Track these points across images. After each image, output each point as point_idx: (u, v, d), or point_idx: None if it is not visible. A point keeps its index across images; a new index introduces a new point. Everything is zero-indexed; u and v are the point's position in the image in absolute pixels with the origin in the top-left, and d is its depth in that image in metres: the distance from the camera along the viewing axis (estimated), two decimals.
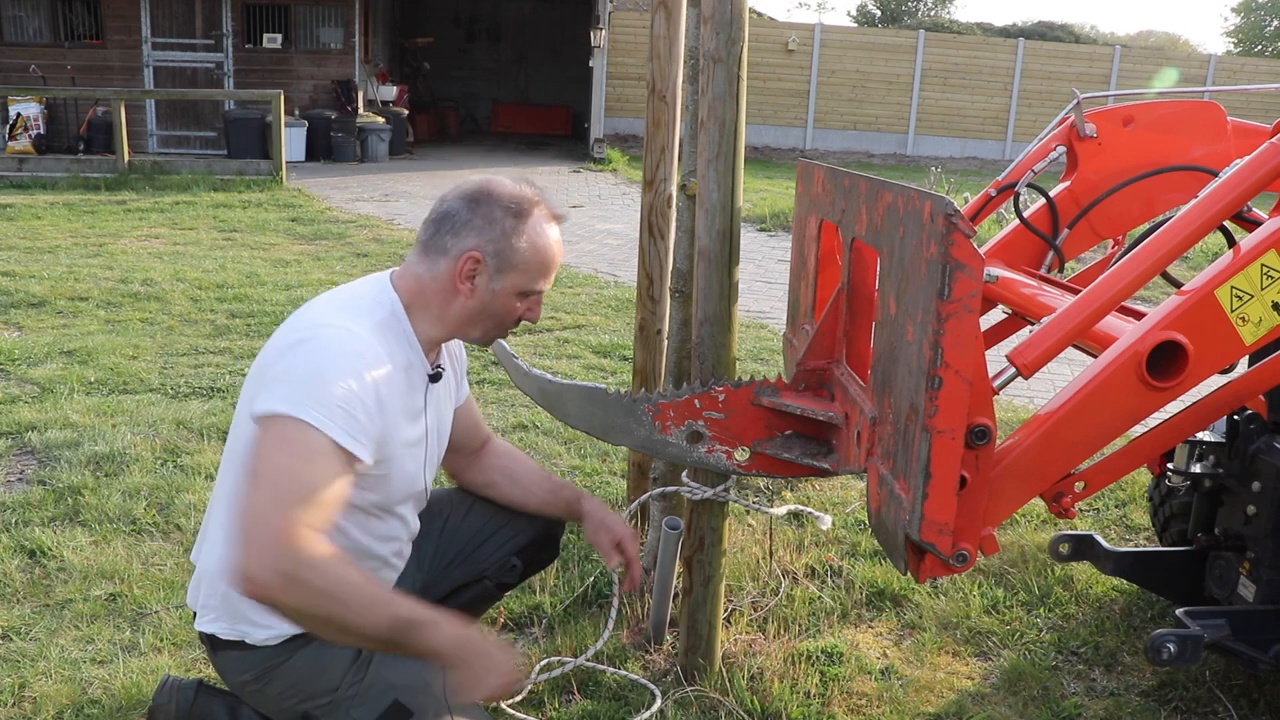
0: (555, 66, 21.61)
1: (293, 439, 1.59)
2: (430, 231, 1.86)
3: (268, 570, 1.48)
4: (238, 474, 1.79)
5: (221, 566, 1.79)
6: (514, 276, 1.86)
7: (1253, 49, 36.61)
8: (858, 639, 2.82)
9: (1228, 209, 1.87)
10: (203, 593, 1.88)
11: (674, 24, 2.82)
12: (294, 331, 1.75)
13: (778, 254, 9.13)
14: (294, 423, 1.59)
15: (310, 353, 1.68)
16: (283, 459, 1.57)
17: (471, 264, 1.82)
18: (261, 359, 1.80)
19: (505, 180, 1.89)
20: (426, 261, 1.85)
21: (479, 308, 1.87)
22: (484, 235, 1.82)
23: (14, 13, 15.05)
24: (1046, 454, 1.79)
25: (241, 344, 5.44)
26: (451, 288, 1.84)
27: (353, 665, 1.84)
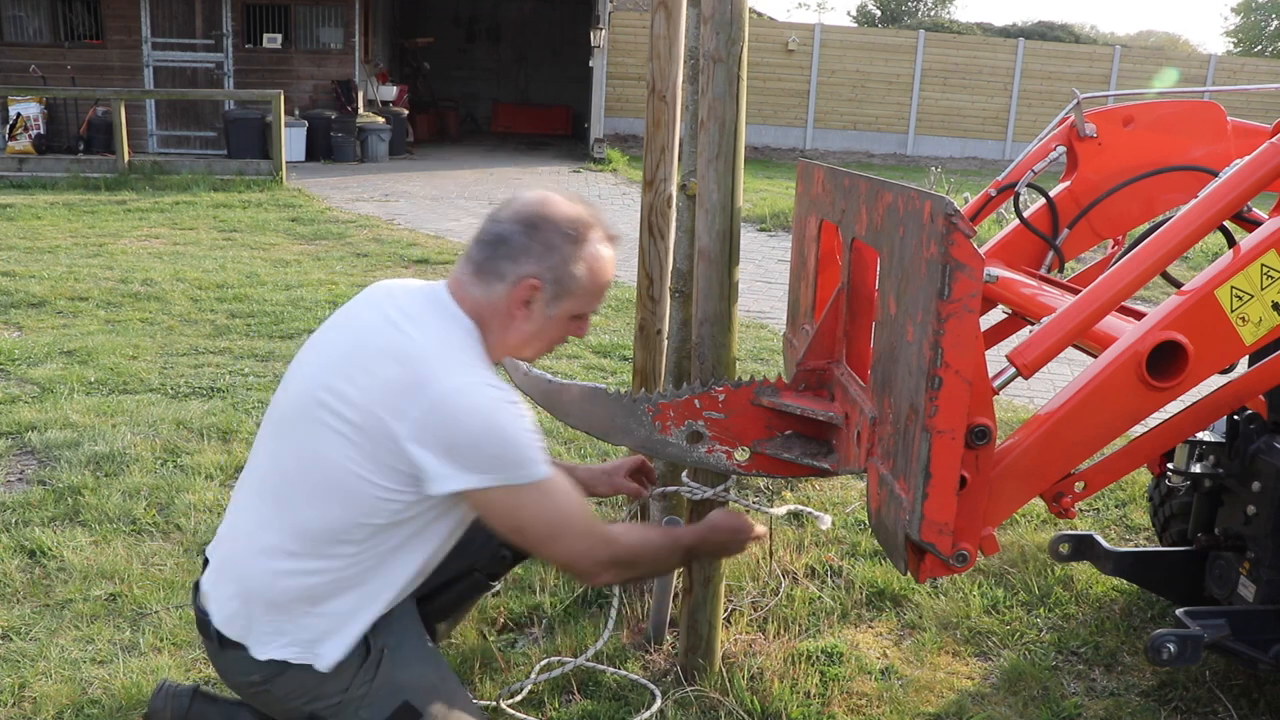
0: (555, 66, 21.61)
1: (537, 498, 1.76)
2: (485, 254, 1.82)
3: (613, 574, 1.93)
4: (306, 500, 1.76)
5: (284, 594, 1.78)
6: (570, 302, 1.85)
7: (1253, 49, 36.61)
8: (858, 639, 2.82)
9: (1228, 209, 1.87)
10: (259, 623, 1.80)
11: (674, 24, 2.82)
12: (425, 391, 1.69)
13: (778, 254, 9.13)
14: (525, 489, 1.74)
15: (482, 422, 1.70)
16: (549, 515, 1.78)
17: (529, 290, 1.81)
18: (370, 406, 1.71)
19: (561, 200, 1.86)
20: (482, 285, 1.82)
21: (534, 331, 1.86)
22: (543, 262, 1.80)
23: (14, 13, 15.05)
24: (1046, 454, 1.79)
25: (241, 344, 5.44)
26: (508, 313, 1.83)
27: (362, 666, 1.83)
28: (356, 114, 15.03)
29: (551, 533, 1.78)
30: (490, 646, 2.64)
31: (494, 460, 1.70)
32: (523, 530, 1.78)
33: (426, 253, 8.21)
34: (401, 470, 1.71)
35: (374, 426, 1.71)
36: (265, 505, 1.83)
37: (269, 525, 1.81)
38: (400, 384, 1.70)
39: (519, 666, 2.57)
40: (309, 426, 1.78)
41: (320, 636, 1.80)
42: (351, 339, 1.83)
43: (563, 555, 1.82)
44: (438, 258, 8.01)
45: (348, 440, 1.73)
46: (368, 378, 1.74)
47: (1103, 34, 50.35)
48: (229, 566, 1.86)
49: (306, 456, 1.77)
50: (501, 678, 2.52)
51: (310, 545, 1.77)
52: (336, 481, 1.74)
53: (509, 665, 2.57)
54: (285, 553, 1.78)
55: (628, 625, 2.77)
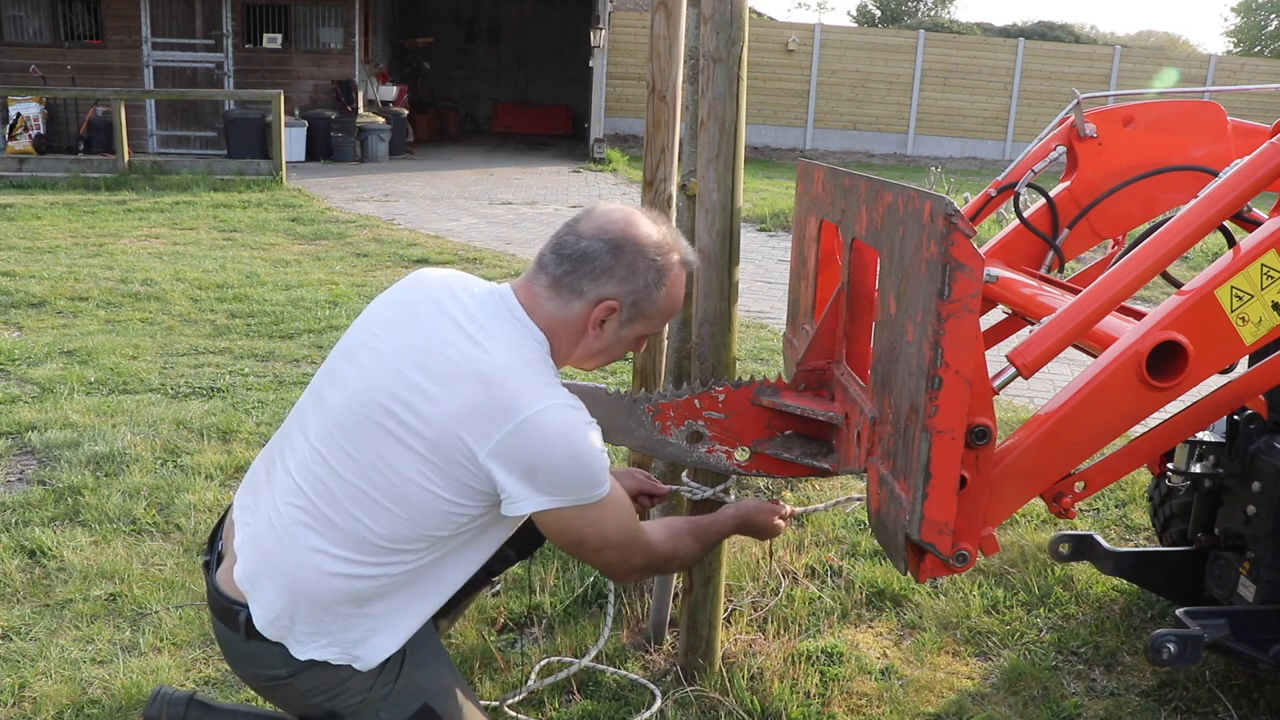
0: (555, 66, 21.61)
1: (600, 513, 1.78)
2: (565, 268, 1.79)
3: (644, 575, 2.04)
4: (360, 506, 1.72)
5: (330, 596, 1.74)
6: (643, 324, 1.86)
7: (1253, 49, 36.61)
8: (858, 639, 2.82)
9: (1228, 209, 1.87)
10: (301, 624, 1.76)
11: (674, 24, 2.82)
12: (508, 415, 1.67)
13: (778, 254, 9.13)
14: (591, 507, 1.76)
15: (563, 447, 1.70)
16: (608, 530, 1.81)
17: (606, 312, 1.80)
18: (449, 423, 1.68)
19: (645, 220, 1.83)
20: (558, 300, 1.80)
21: (602, 349, 1.87)
22: (625, 285, 1.79)
23: (14, 13, 15.05)
24: (1046, 454, 1.79)
25: (241, 344, 5.44)
26: (581, 330, 1.82)
27: (386, 666, 1.81)
28: (356, 114, 15.03)
29: (604, 542, 1.82)
30: (490, 646, 2.64)
31: (571, 484, 1.72)
32: (582, 543, 1.81)
33: (426, 253, 8.21)
34: (478, 489, 1.71)
35: (451, 446, 1.68)
36: (317, 506, 1.75)
37: (321, 529, 1.74)
38: (483, 406, 1.67)
39: (519, 666, 2.57)
40: (374, 434, 1.72)
41: (364, 638, 1.77)
42: (420, 342, 1.75)
43: (605, 563, 1.87)
44: (438, 258, 8.01)
45: (420, 456, 1.69)
46: (445, 394, 1.68)
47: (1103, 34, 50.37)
48: (272, 564, 1.78)
49: (371, 466, 1.72)
50: (501, 678, 2.52)
51: (368, 554, 1.73)
52: (404, 495, 1.70)
53: (509, 665, 2.57)
54: (340, 559, 1.73)
55: (628, 625, 2.77)
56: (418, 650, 1.86)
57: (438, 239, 8.97)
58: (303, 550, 1.74)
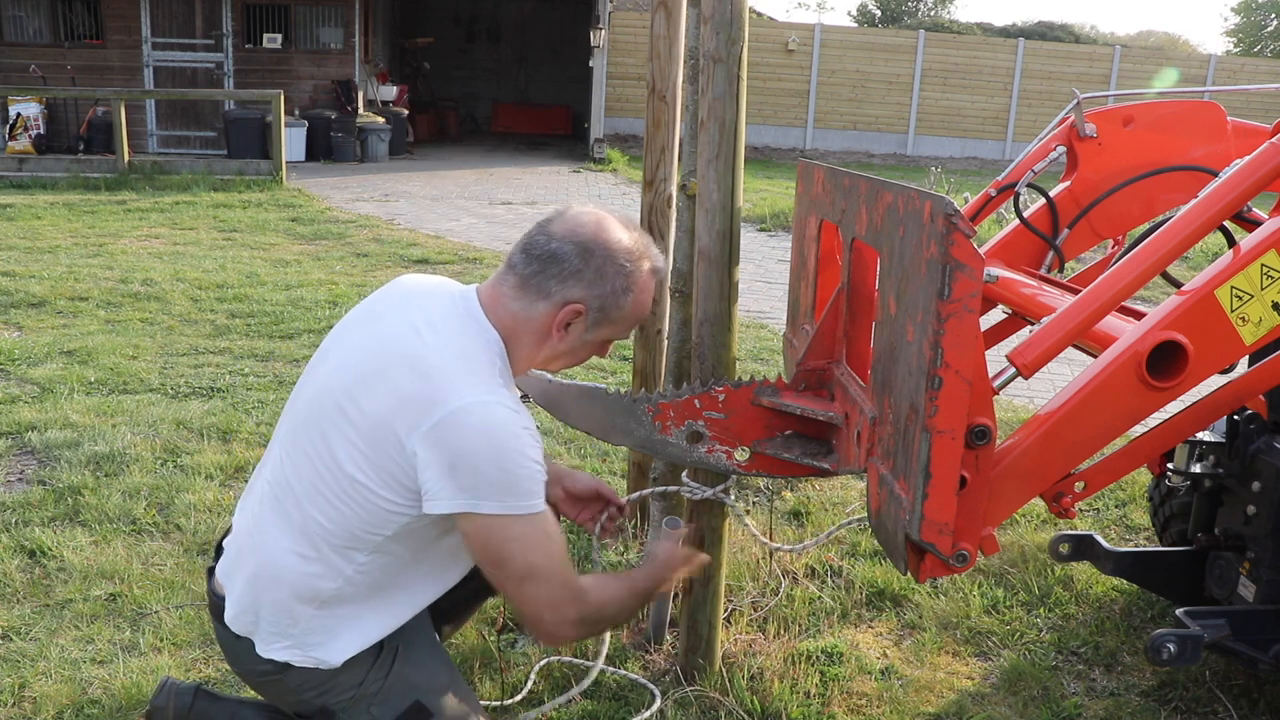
0: (555, 66, 21.61)
1: (526, 532, 1.69)
2: (534, 269, 1.78)
3: (576, 632, 1.82)
4: (313, 503, 1.75)
5: (292, 597, 1.76)
6: (608, 329, 1.84)
7: (1253, 49, 36.61)
8: (858, 639, 2.82)
9: (1228, 209, 1.87)
10: (266, 623, 1.80)
11: (674, 24, 2.82)
12: (436, 406, 1.65)
13: (778, 254, 9.13)
14: (517, 520, 1.68)
15: (488, 444, 1.65)
16: (533, 555, 1.70)
17: (572, 315, 1.78)
18: (384, 416, 1.68)
19: (616, 224, 1.82)
20: (524, 299, 1.78)
21: (566, 351, 1.85)
22: (593, 289, 1.77)
23: (14, 13, 15.05)
24: (1046, 454, 1.79)
25: (241, 344, 5.44)
26: (545, 332, 1.80)
27: (376, 663, 1.83)
28: (356, 114, 15.03)
29: (530, 573, 1.70)
30: (490, 646, 2.64)
31: (493, 486, 1.65)
32: (503, 564, 1.71)
33: (426, 253, 8.21)
34: (405, 485, 1.69)
35: (382, 436, 1.69)
36: (279, 503, 1.81)
37: (282, 525, 1.79)
38: (413, 396, 1.68)
39: (519, 667, 2.57)
40: (324, 430, 1.76)
41: (325, 641, 1.79)
42: (375, 342, 1.79)
43: (530, 601, 1.73)
44: (437, 258, 8.01)
45: (357, 448, 1.71)
46: (384, 387, 1.71)
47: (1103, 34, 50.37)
48: (242, 560, 1.84)
49: (321, 462, 1.75)
50: (501, 678, 2.52)
51: (322, 550, 1.75)
52: (346, 489, 1.72)
53: (509, 665, 2.57)
54: (296, 554, 1.77)
55: (628, 625, 2.77)
56: (411, 647, 1.87)
57: (438, 239, 8.97)
58: (267, 546, 1.80)
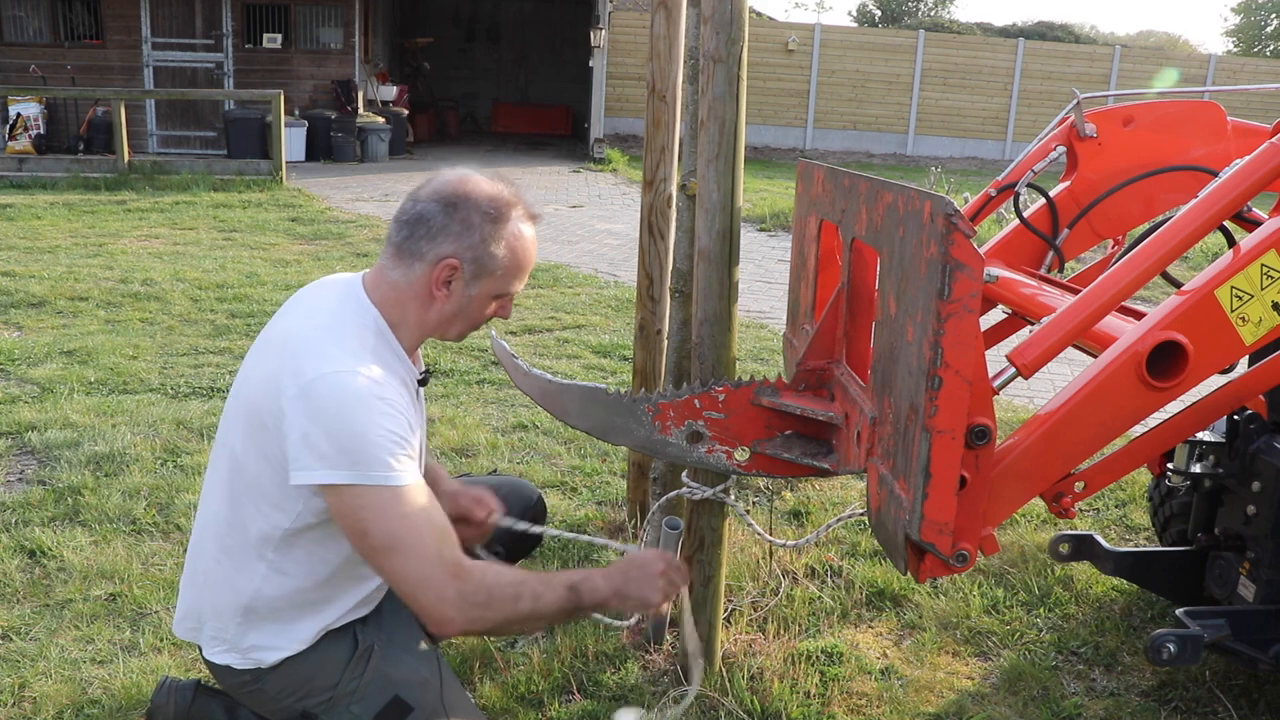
0: (555, 66, 21.61)
1: (385, 502, 1.63)
2: (404, 234, 1.78)
3: (461, 614, 1.65)
4: (228, 503, 1.79)
5: (222, 600, 1.81)
6: (490, 282, 1.81)
7: (1253, 49, 36.61)
8: (858, 639, 2.82)
9: (1228, 209, 1.87)
10: (207, 628, 1.85)
11: (674, 24, 2.82)
12: (296, 378, 1.66)
13: (778, 254, 9.13)
14: (372, 490, 1.63)
15: (339, 411, 1.62)
16: (393, 524, 1.63)
17: (448, 271, 1.77)
18: (257, 398, 1.72)
19: (481, 179, 1.82)
20: (401, 267, 1.79)
21: (454, 311, 1.82)
22: (461, 241, 1.76)
23: (14, 13, 15.05)
24: (1046, 454, 1.79)
25: (241, 344, 5.44)
26: (427, 294, 1.79)
27: (351, 662, 1.84)
28: (356, 114, 15.03)
29: (391, 544, 1.64)
30: (490, 646, 2.64)
31: (344, 453, 1.62)
32: (364, 536, 1.65)
33: None
34: (280, 463, 1.69)
35: (255, 413, 1.72)
36: (203, 512, 1.88)
37: (205, 532, 1.86)
38: (279, 371, 1.70)
39: (519, 667, 2.57)
40: (227, 431, 1.82)
41: (258, 642, 1.82)
42: (262, 338, 1.85)
43: (399, 576, 1.66)
44: None
45: (247, 438, 1.75)
46: (259, 369, 1.76)
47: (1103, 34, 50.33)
48: (187, 569, 1.93)
49: (225, 461, 1.81)
50: (501, 678, 2.52)
51: (234, 551, 1.79)
52: (245, 482, 1.76)
53: (508, 665, 2.57)
54: (213, 558, 1.82)
55: (627, 627, 2.77)
56: (389, 645, 1.89)
57: None
58: (198, 555, 1.87)
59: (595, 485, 3.74)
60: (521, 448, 4.10)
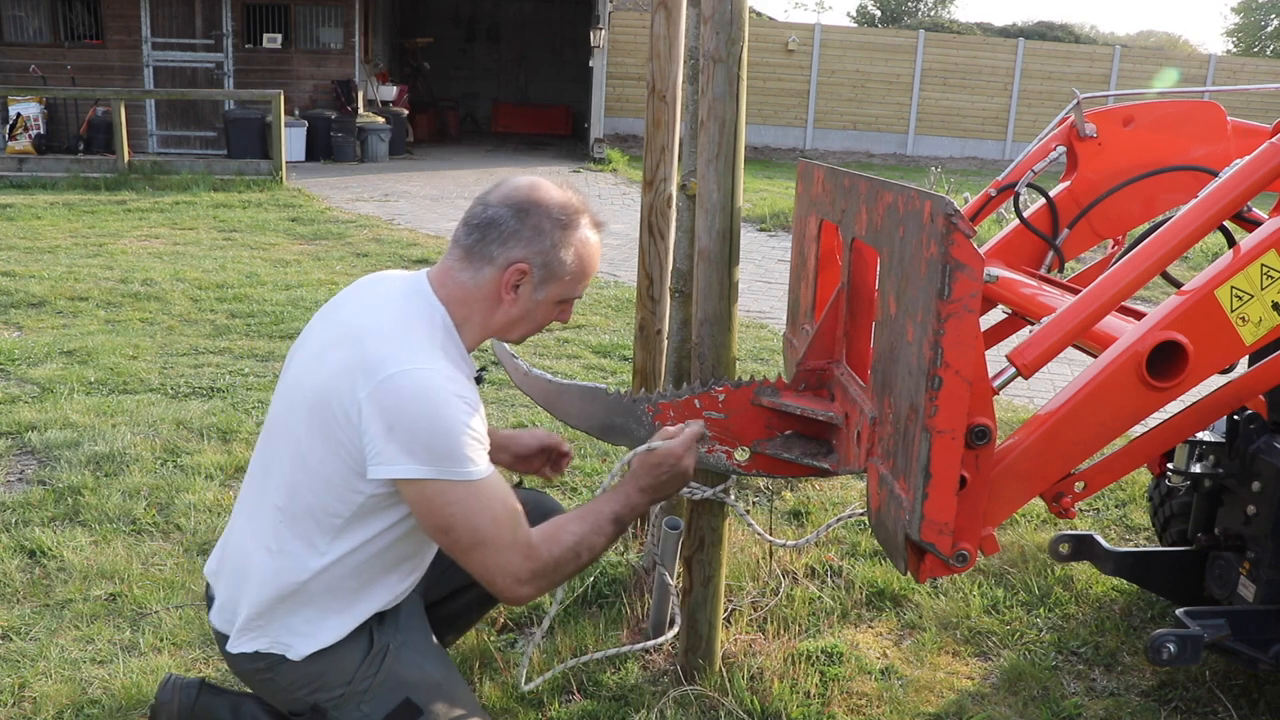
0: (555, 66, 21.61)
1: (468, 497, 1.70)
2: (475, 237, 1.83)
3: (534, 589, 1.78)
4: (286, 492, 1.79)
5: (266, 590, 1.81)
6: (557, 287, 1.87)
7: (1253, 49, 36.61)
8: (858, 639, 2.82)
9: (1228, 209, 1.87)
10: (242, 618, 1.85)
11: (674, 24, 2.82)
12: (374, 373, 1.69)
13: (778, 254, 9.13)
14: (457, 485, 1.69)
15: (423, 409, 1.67)
16: (477, 520, 1.71)
17: (518, 275, 1.82)
18: (328, 391, 1.73)
19: (551, 185, 1.87)
20: (470, 269, 1.84)
21: (520, 315, 1.88)
22: (532, 246, 1.81)
23: (14, 13, 15.05)
24: (1046, 454, 1.79)
25: (241, 344, 5.44)
26: (496, 296, 1.84)
27: (366, 660, 1.84)
28: (356, 114, 15.03)
29: (476, 540, 1.72)
30: (490, 646, 2.64)
31: (429, 450, 1.67)
32: (449, 531, 1.72)
33: (426, 253, 8.21)
34: (351, 454, 1.71)
35: (331, 409, 1.73)
36: (252, 501, 1.89)
37: (254, 521, 1.86)
38: (354, 365, 1.72)
39: (519, 667, 2.57)
40: (286, 417, 1.83)
41: (294, 635, 1.82)
42: (329, 330, 1.86)
43: (480, 566, 1.75)
44: (437, 257, 7.97)
45: (313, 427, 1.75)
46: (332, 360, 1.76)
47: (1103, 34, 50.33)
48: (224, 558, 1.93)
49: (286, 449, 1.81)
50: (501, 678, 2.52)
51: (286, 541, 1.80)
52: (302, 469, 1.76)
53: (508, 665, 2.57)
54: (265, 549, 1.82)
55: (628, 625, 2.77)
56: (404, 646, 1.88)
57: (438, 239, 8.97)
58: (242, 544, 1.87)
59: (595, 485, 3.74)
60: None
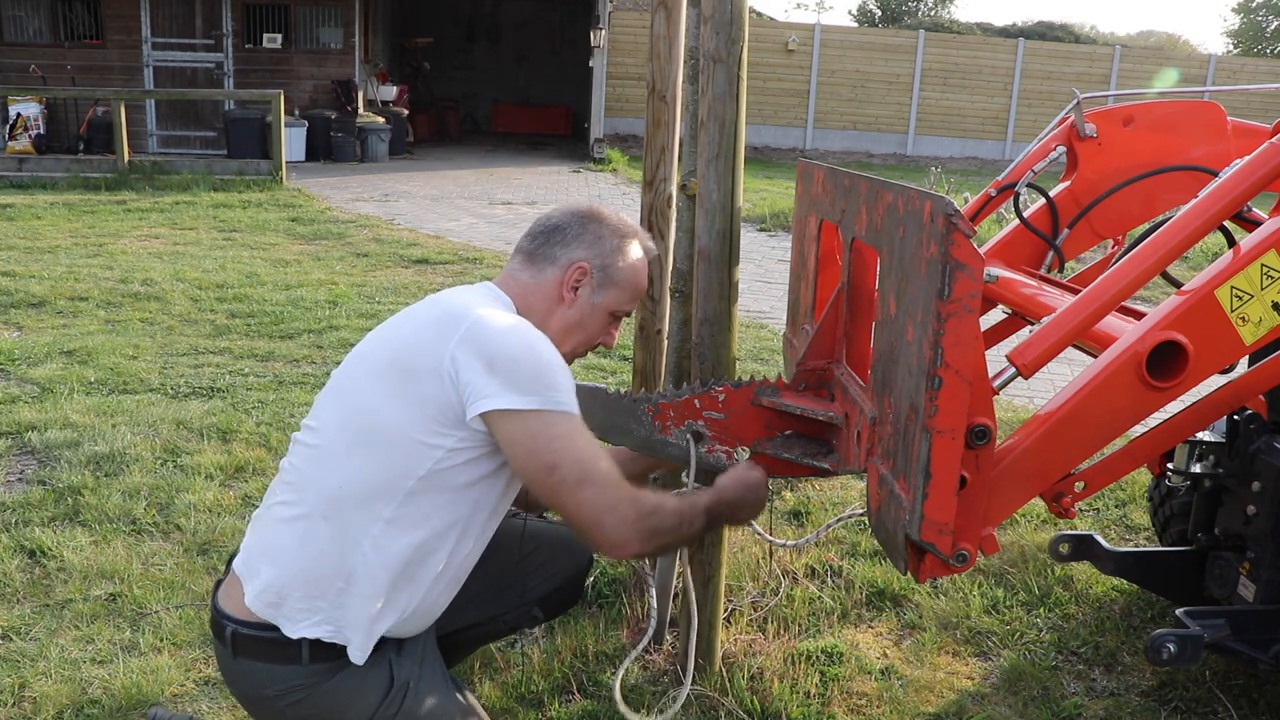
0: (555, 66, 21.60)
1: (573, 431, 1.71)
2: (538, 242, 1.94)
3: (639, 538, 1.72)
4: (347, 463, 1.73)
5: (324, 567, 1.72)
6: (613, 293, 1.95)
7: (1253, 49, 36.61)
8: (858, 639, 2.82)
9: (1228, 209, 1.87)
10: (291, 597, 1.73)
11: (674, 24, 2.82)
12: (460, 321, 1.72)
13: (778, 254, 9.13)
14: (561, 417, 1.70)
15: (519, 342, 1.72)
16: (583, 453, 1.70)
17: (579, 274, 1.91)
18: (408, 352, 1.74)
19: (609, 210, 2.02)
20: (532, 269, 1.93)
21: (577, 319, 1.93)
22: (593, 249, 1.93)
23: (14, 13, 15.05)
24: (1046, 454, 1.79)
25: (241, 344, 5.44)
26: (556, 295, 1.92)
27: (387, 699, 1.77)
28: (356, 114, 15.03)
29: (584, 475, 1.68)
30: (490, 646, 2.64)
31: (533, 380, 1.69)
32: (556, 468, 1.68)
33: (426, 253, 8.21)
34: (441, 406, 1.69)
35: (412, 356, 1.73)
36: (294, 489, 1.79)
37: (299, 502, 1.77)
38: (438, 319, 1.76)
39: (518, 667, 2.57)
40: (345, 390, 1.81)
41: (353, 617, 1.73)
42: (401, 317, 1.88)
43: (591, 507, 1.69)
44: (437, 258, 8.01)
45: (384, 380, 1.74)
46: (411, 326, 1.81)
47: (1103, 34, 50.32)
48: (266, 545, 1.80)
49: (338, 421, 1.77)
50: (501, 678, 2.52)
51: (343, 509, 1.71)
52: (372, 428, 1.72)
53: (508, 665, 2.57)
54: (317, 518, 1.74)
55: (628, 625, 2.77)
56: (422, 682, 1.82)
57: (438, 239, 8.97)
58: (286, 521, 1.78)
59: None
60: None
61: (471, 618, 2.08)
